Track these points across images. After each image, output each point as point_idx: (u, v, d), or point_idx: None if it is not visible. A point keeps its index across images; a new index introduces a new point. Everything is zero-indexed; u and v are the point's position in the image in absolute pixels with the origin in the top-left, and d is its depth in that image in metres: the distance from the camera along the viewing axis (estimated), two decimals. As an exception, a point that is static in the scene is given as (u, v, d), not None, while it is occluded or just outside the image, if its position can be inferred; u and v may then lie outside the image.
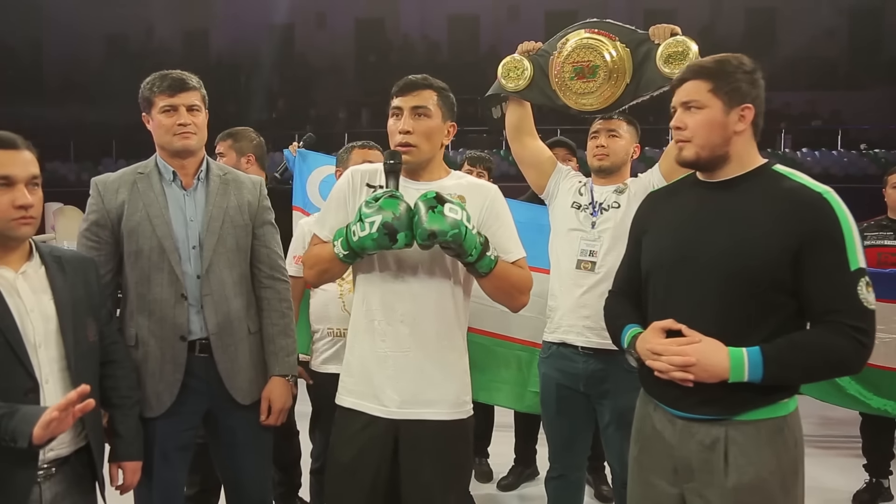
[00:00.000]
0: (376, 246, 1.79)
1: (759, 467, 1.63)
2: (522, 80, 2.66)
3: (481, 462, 3.82)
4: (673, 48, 2.41)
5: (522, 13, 16.14)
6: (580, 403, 2.57)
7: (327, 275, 1.99)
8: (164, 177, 2.14)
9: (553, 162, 2.75)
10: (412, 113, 1.92)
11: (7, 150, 1.66)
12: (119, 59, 16.89)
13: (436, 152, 1.98)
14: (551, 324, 2.63)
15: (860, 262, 1.59)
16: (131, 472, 1.98)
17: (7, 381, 1.64)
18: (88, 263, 1.93)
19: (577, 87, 2.58)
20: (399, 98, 1.95)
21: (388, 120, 1.97)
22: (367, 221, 1.77)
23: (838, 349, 1.58)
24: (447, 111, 1.97)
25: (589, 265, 2.51)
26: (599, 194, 2.58)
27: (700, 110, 1.69)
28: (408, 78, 1.97)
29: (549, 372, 2.62)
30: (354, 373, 1.98)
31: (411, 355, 1.91)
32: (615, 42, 2.54)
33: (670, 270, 1.75)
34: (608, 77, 2.54)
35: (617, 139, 2.59)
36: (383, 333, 1.92)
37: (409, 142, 1.91)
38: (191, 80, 2.12)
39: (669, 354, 1.65)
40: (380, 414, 1.92)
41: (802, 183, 1.65)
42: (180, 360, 2.08)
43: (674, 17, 14.67)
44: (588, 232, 2.54)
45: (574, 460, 2.66)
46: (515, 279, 1.95)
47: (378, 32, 17.48)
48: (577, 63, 2.57)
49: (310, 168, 3.47)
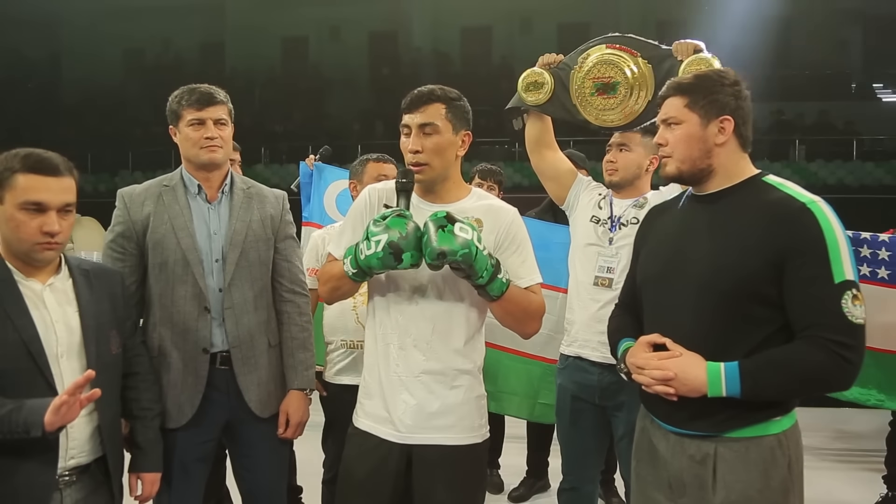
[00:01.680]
0: (381, 265, 1.76)
1: (747, 485, 1.62)
2: (543, 94, 2.65)
3: (492, 474, 3.82)
4: (695, 65, 2.39)
5: (535, 25, 16.16)
6: (595, 416, 2.56)
7: (339, 292, 1.97)
8: (190, 190, 2.17)
9: (573, 174, 2.74)
10: (420, 130, 1.87)
11: (46, 177, 1.69)
12: (136, 71, 17.08)
13: (450, 166, 1.93)
14: (568, 337, 2.64)
15: (847, 274, 1.55)
16: (150, 484, 2.00)
17: (28, 390, 1.67)
18: (115, 276, 1.97)
19: (598, 102, 2.57)
20: (407, 115, 1.91)
21: (401, 137, 1.93)
22: (373, 240, 1.75)
23: (817, 366, 1.55)
24: (459, 122, 1.91)
25: (606, 281, 2.51)
26: (619, 208, 2.58)
27: (678, 125, 1.72)
28: (414, 92, 1.92)
29: (564, 383, 2.62)
30: (372, 395, 1.95)
31: (424, 379, 1.89)
32: (637, 58, 2.53)
33: (658, 284, 1.78)
34: (629, 93, 2.53)
35: (627, 153, 2.58)
36: (397, 358, 1.90)
37: (419, 161, 1.87)
38: (218, 94, 2.15)
39: (650, 368, 1.67)
40: (393, 439, 1.90)
41: (789, 193, 1.64)
42: (202, 372, 2.11)
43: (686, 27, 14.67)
44: (605, 248, 2.54)
45: (586, 473, 2.65)
46: (527, 305, 1.92)
47: (391, 45, 17.58)
48: (597, 79, 2.56)
49: (326, 182, 3.49)
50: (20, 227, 1.68)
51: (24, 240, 1.69)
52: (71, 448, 1.75)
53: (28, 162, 1.68)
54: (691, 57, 2.43)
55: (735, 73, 1.73)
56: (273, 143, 14.51)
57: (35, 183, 1.67)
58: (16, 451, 1.66)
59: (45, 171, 1.69)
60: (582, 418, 2.58)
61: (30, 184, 1.67)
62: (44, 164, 1.69)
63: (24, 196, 1.67)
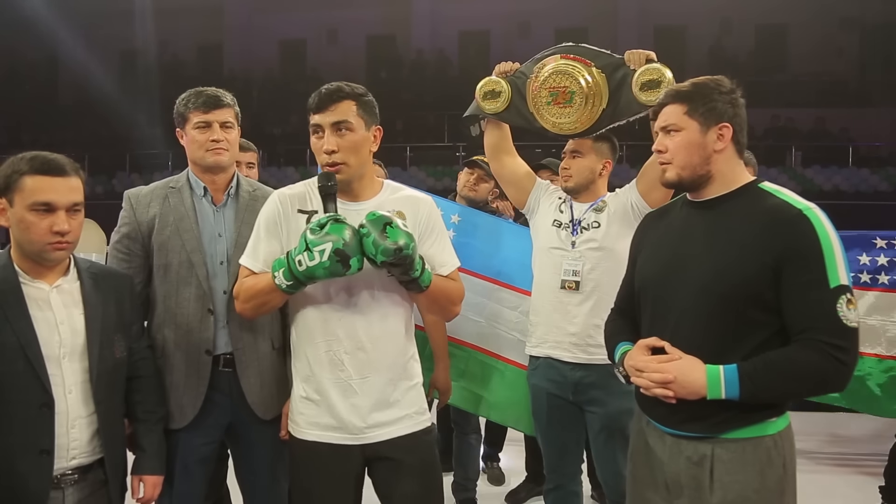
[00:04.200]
0: (328, 274, 1.72)
1: (744, 485, 1.65)
2: (500, 103, 2.69)
3: (493, 466, 3.95)
4: (648, 76, 2.43)
5: (533, 29, 16.23)
6: (570, 412, 2.60)
7: (266, 307, 1.90)
8: (195, 192, 2.18)
9: (532, 178, 2.78)
10: (333, 129, 1.84)
11: (53, 177, 1.72)
12: (133, 73, 17.09)
13: (365, 163, 1.91)
14: (534, 338, 2.66)
15: (842, 278, 1.59)
16: (152, 486, 2.01)
17: (22, 393, 1.70)
18: (124, 280, 1.99)
19: (554, 111, 2.60)
20: (318, 115, 1.86)
21: (311, 138, 1.89)
22: (315, 250, 1.70)
23: (814, 367, 1.58)
24: (369, 117, 1.89)
25: (573, 285, 2.54)
26: (578, 211, 2.62)
27: (678, 132, 1.75)
28: (322, 91, 1.88)
29: (538, 383, 2.65)
30: (315, 403, 1.91)
31: (372, 380, 1.89)
32: (591, 67, 2.56)
33: (656, 289, 1.80)
34: (584, 102, 2.55)
35: (580, 159, 2.63)
36: (341, 362, 1.88)
37: (336, 160, 1.84)
38: (225, 97, 2.17)
39: (650, 371, 1.69)
40: (348, 442, 1.89)
41: (784, 200, 1.67)
42: (205, 373, 2.12)
43: (684, 33, 14.72)
44: (569, 251, 2.58)
45: (567, 469, 2.68)
46: (450, 292, 1.95)
47: (389, 48, 17.62)
48: (553, 88, 2.59)
49: None
50: (30, 228, 1.71)
51: (34, 241, 1.72)
52: (72, 448, 1.76)
53: (35, 164, 1.72)
54: (644, 66, 2.46)
55: (730, 81, 1.76)
56: (271, 145, 14.51)
57: (43, 184, 1.71)
58: (14, 450, 1.68)
59: (52, 171, 1.72)
60: (557, 415, 2.61)
61: (38, 185, 1.70)
62: (51, 166, 1.72)
63: (33, 197, 1.70)
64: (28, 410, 1.70)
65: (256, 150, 3.14)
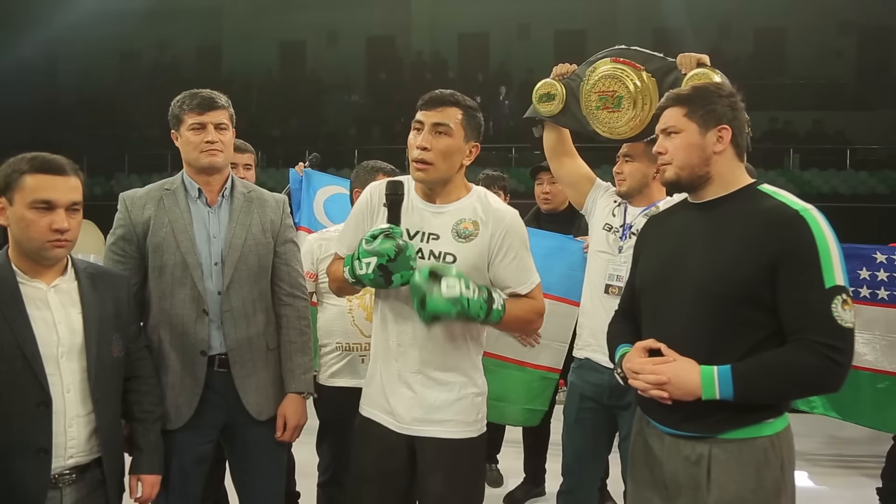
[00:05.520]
0: (373, 285, 1.85)
1: (740, 486, 1.66)
2: (555, 105, 2.69)
3: (491, 468, 3.91)
4: (695, 80, 2.38)
5: (532, 31, 16.25)
6: (600, 417, 2.60)
7: (345, 291, 2.12)
8: (190, 193, 2.19)
9: (591, 180, 2.78)
10: (433, 129, 1.88)
11: (54, 176, 1.74)
12: (132, 74, 17.08)
13: (453, 173, 1.94)
14: (580, 340, 2.68)
15: (838, 279, 1.60)
16: (149, 486, 2.02)
17: (21, 392, 1.71)
18: (121, 281, 2.00)
19: (603, 116, 2.60)
20: (422, 112, 1.91)
21: (410, 133, 1.93)
22: (364, 261, 1.81)
23: (807, 368, 1.59)
24: (471, 131, 1.93)
25: (616, 290, 2.54)
26: (632, 216, 2.61)
27: (677, 134, 1.77)
28: (435, 92, 1.93)
29: (577, 382, 2.67)
30: (374, 385, 2.02)
31: (420, 377, 1.94)
32: (640, 72, 2.55)
33: (654, 290, 1.82)
34: (632, 106, 2.55)
35: (632, 163, 2.61)
36: (396, 354, 1.96)
37: (424, 158, 1.88)
38: (219, 98, 2.18)
39: (645, 373, 1.71)
40: (394, 428, 1.97)
41: (782, 201, 1.69)
42: (200, 374, 2.13)
43: (683, 36, 14.74)
44: (615, 256, 2.58)
45: (586, 476, 2.68)
46: (525, 315, 1.97)
47: (389, 50, 17.62)
48: (602, 93, 2.59)
49: (314, 188, 3.53)
50: (30, 227, 1.73)
51: (34, 238, 1.73)
52: (70, 447, 1.77)
53: (35, 163, 1.74)
54: (694, 70, 2.45)
55: (730, 85, 1.78)
56: (270, 147, 14.49)
57: (43, 182, 1.73)
58: (12, 449, 1.69)
59: (51, 170, 1.74)
60: (587, 418, 2.62)
61: (38, 183, 1.72)
62: (50, 165, 1.75)
63: (33, 195, 1.72)
64: (26, 409, 1.71)
65: (254, 152, 3.15)
